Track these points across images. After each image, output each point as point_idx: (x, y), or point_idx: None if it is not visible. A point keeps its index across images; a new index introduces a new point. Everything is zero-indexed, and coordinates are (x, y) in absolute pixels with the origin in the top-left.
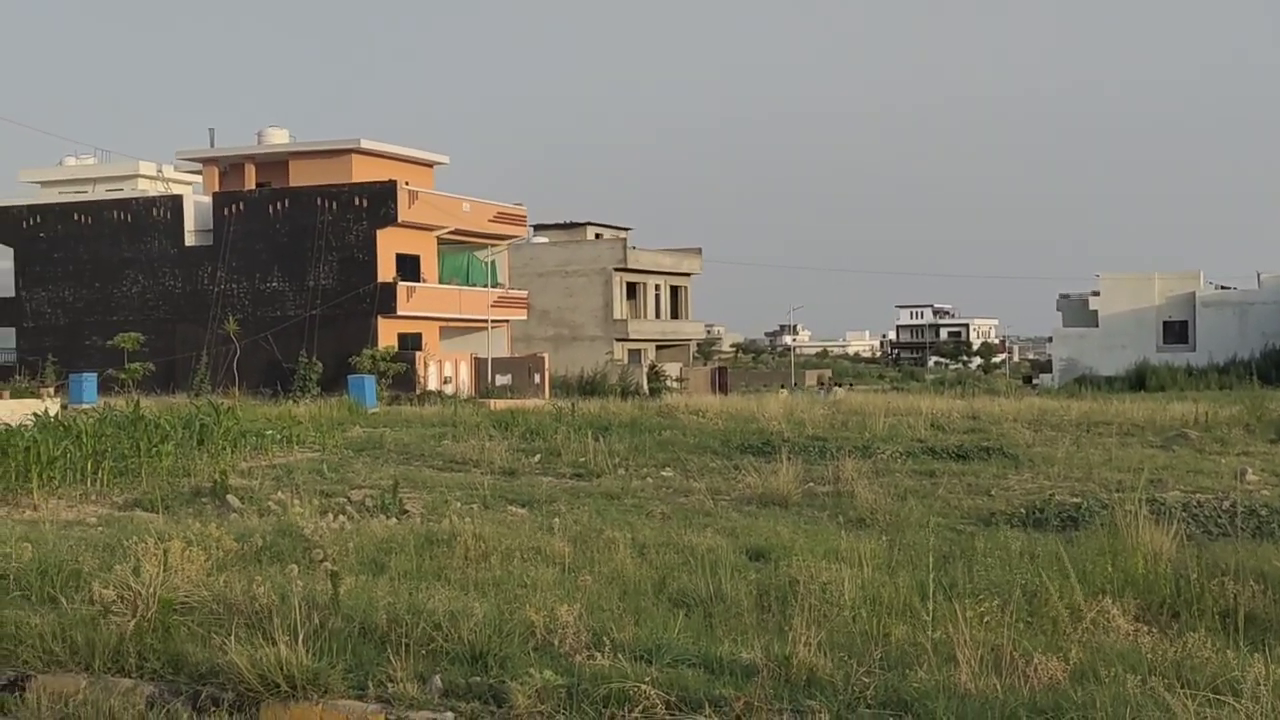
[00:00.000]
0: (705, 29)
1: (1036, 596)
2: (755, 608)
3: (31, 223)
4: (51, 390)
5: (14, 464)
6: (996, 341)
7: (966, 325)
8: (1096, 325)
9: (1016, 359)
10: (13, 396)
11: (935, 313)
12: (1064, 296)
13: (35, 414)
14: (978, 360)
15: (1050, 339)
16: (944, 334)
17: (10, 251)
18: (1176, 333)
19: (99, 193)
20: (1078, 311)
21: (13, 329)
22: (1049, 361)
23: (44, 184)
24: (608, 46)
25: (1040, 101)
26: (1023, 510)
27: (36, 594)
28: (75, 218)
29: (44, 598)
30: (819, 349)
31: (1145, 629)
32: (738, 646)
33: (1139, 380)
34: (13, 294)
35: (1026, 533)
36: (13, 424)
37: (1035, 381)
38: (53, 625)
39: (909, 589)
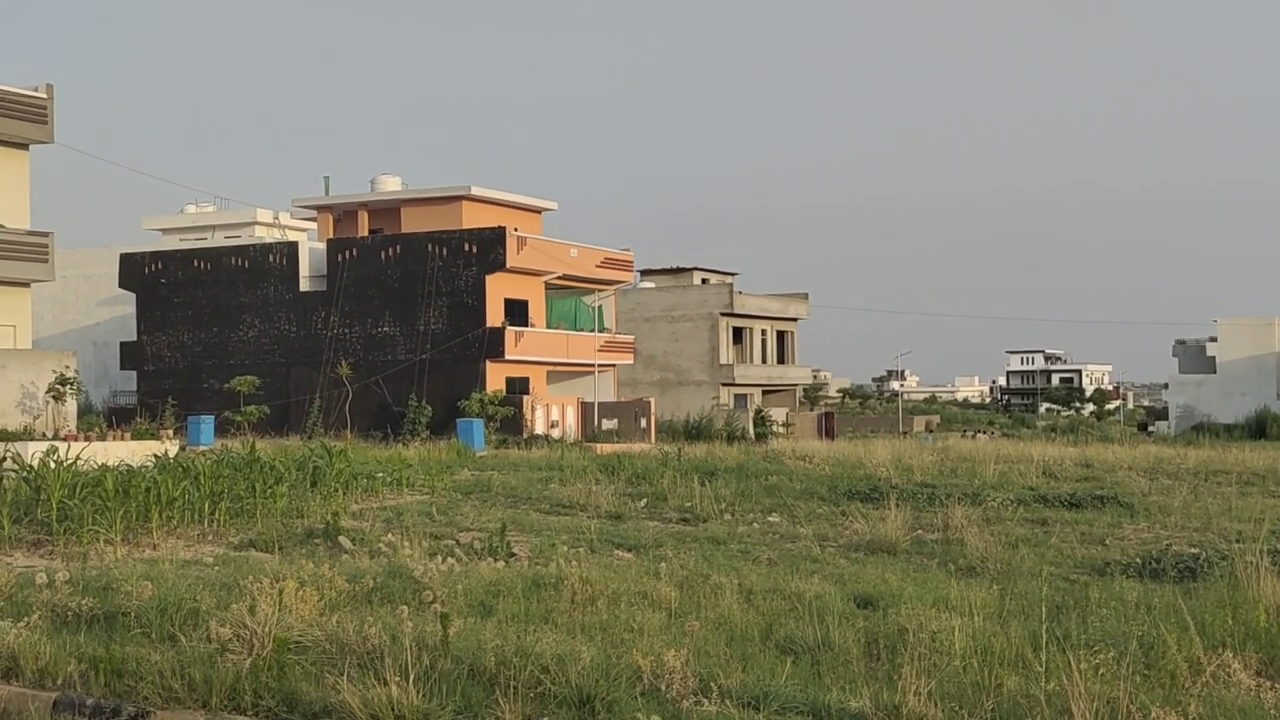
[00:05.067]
0: (811, 77)
1: (1154, 649)
2: (864, 656)
3: (153, 269)
4: (170, 432)
5: (135, 504)
6: (1110, 388)
7: (1079, 371)
8: (1214, 371)
9: (1131, 406)
10: (134, 438)
11: (1047, 358)
12: (1180, 342)
13: (155, 455)
14: (1090, 407)
15: (1166, 386)
16: (1055, 380)
17: (133, 297)
18: None
19: (218, 239)
20: (1195, 357)
21: (134, 372)
22: (1165, 409)
23: (166, 231)
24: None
25: (1154, 144)
26: (1138, 560)
27: (157, 631)
28: (195, 264)
29: (164, 635)
30: (927, 394)
31: (1268, 684)
32: (846, 694)
33: (1259, 428)
34: (134, 338)
35: (1142, 583)
36: (134, 465)
37: (1151, 429)
38: (172, 662)
39: (1021, 639)
